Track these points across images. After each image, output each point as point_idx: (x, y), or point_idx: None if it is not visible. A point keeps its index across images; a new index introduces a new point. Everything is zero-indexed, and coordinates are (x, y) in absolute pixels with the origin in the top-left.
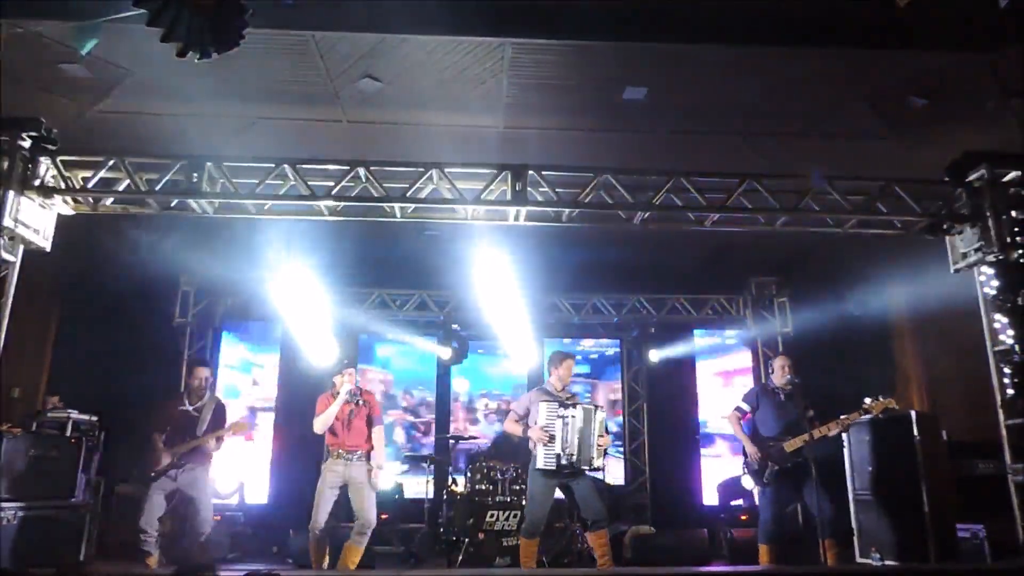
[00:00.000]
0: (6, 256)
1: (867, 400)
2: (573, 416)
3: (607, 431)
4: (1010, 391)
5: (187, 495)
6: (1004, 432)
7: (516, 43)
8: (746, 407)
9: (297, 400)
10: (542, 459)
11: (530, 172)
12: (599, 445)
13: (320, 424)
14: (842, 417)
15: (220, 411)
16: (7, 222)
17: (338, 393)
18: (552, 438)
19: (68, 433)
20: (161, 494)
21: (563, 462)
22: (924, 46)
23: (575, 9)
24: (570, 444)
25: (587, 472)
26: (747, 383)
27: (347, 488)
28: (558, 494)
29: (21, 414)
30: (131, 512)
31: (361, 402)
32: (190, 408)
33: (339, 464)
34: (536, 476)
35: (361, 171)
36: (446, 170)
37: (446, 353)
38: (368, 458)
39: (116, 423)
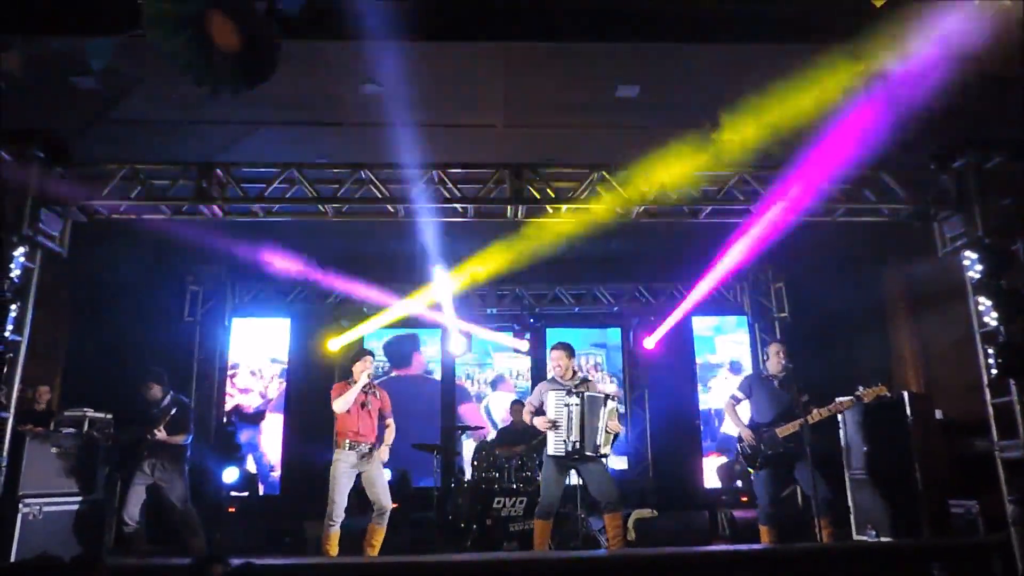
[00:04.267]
0: (27, 264)
1: (860, 388)
2: (577, 404)
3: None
4: (995, 371)
5: (161, 487)
6: (991, 411)
7: (512, 47)
8: (740, 395)
9: (307, 393)
10: (552, 445)
11: (527, 170)
12: (607, 432)
13: (341, 404)
14: (836, 402)
15: (181, 409)
16: (27, 232)
17: (356, 381)
18: (557, 426)
19: (84, 431)
20: (141, 487)
21: (569, 448)
22: None
23: (568, 11)
24: (574, 431)
25: (596, 458)
26: None
27: (360, 477)
28: (574, 479)
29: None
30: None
31: (376, 394)
32: (155, 410)
33: (351, 455)
34: (549, 461)
35: (364, 173)
36: (448, 171)
37: (451, 345)
38: (376, 447)
39: (129, 420)
